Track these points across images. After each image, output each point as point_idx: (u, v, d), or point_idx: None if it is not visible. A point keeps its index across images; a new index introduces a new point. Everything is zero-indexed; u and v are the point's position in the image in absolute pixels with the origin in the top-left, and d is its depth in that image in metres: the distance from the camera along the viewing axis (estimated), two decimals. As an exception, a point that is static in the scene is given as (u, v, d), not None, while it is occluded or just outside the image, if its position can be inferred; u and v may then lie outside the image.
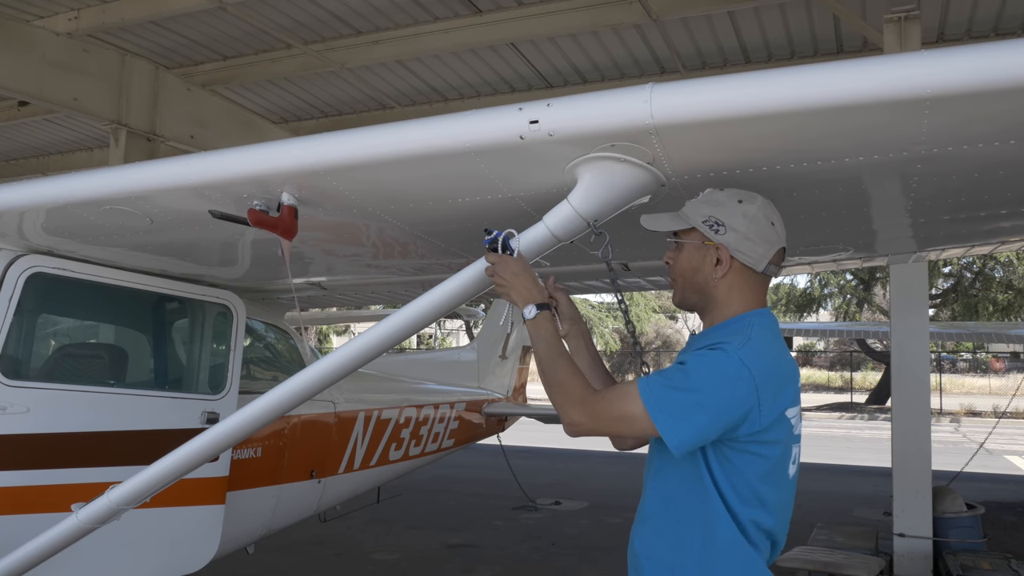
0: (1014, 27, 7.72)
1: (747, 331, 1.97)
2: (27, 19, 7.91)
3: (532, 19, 7.79)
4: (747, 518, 1.93)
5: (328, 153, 2.19)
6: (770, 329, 2.05)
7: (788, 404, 1.99)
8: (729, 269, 2.05)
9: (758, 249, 2.03)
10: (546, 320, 2.14)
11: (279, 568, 6.64)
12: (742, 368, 1.87)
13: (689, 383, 1.88)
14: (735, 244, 2.03)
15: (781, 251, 2.09)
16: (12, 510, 3.21)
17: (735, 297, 2.07)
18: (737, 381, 1.87)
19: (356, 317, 15.16)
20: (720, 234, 2.03)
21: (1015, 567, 6.17)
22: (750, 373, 1.87)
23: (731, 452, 1.93)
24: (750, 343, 1.93)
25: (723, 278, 2.06)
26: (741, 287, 2.07)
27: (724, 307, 2.08)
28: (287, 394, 2.53)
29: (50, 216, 2.90)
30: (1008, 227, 2.94)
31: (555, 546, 7.86)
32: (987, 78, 1.56)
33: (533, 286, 2.16)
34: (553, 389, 2.05)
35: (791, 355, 2.12)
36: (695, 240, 2.08)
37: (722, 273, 2.05)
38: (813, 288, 28.41)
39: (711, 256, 2.06)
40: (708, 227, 2.04)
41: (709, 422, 1.86)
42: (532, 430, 11.54)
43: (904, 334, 6.68)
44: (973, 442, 16.33)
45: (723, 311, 2.08)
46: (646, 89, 1.82)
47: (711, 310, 2.11)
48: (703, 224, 2.04)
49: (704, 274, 2.08)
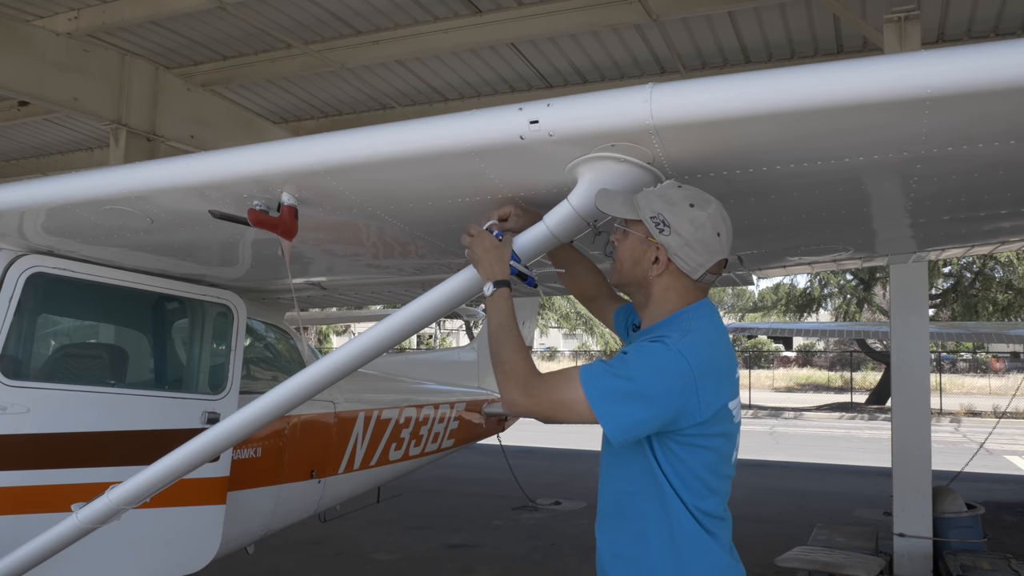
0: (1014, 27, 7.72)
1: (686, 323, 2.00)
2: (27, 19, 7.91)
3: (532, 19, 7.79)
4: (698, 508, 1.97)
5: (328, 153, 2.20)
6: (709, 320, 2.06)
7: (730, 396, 2.02)
8: (665, 270, 2.05)
9: (697, 258, 2.03)
10: (502, 298, 2.15)
11: (279, 568, 6.64)
12: (680, 360, 1.90)
13: (629, 372, 1.90)
14: (675, 248, 2.02)
15: (722, 262, 2.08)
16: (12, 510, 3.20)
17: (671, 298, 2.08)
18: (675, 372, 1.89)
19: (356, 317, 15.16)
20: (664, 234, 2.01)
21: (1015, 567, 6.17)
22: (688, 365, 1.90)
23: (676, 446, 1.96)
24: (689, 335, 1.95)
25: (659, 277, 2.07)
26: (677, 289, 2.07)
27: (660, 305, 2.09)
28: (287, 394, 2.53)
29: (50, 216, 2.90)
30: (1008, 227, 2.94)
31: (555, 546, 7.86)
32: (987, 78, 1.56)
33: (497, 264, 2.18)
34: (498, 367, 2.07)
35: (731, 347, 2.14)
36: (640, 232, 2.06)
37: (658, 272, 2.06)
38: (813, 288, 28.40)
39: (651, 253, 2.06)
40: (654, 224, 2.02)
41: (647, 412, 1.89)
42: (532, 430, 11.53)
43: (904, 334, 6.68)
44: (973, 442, 16.32)
45: (660, 308, 2.09)
46: (646, 89, 1.82)
47: (647, 305, 2.12)
48: (650, 220, 2.02)
49: (642, 268, 2.08)
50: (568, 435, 16.59)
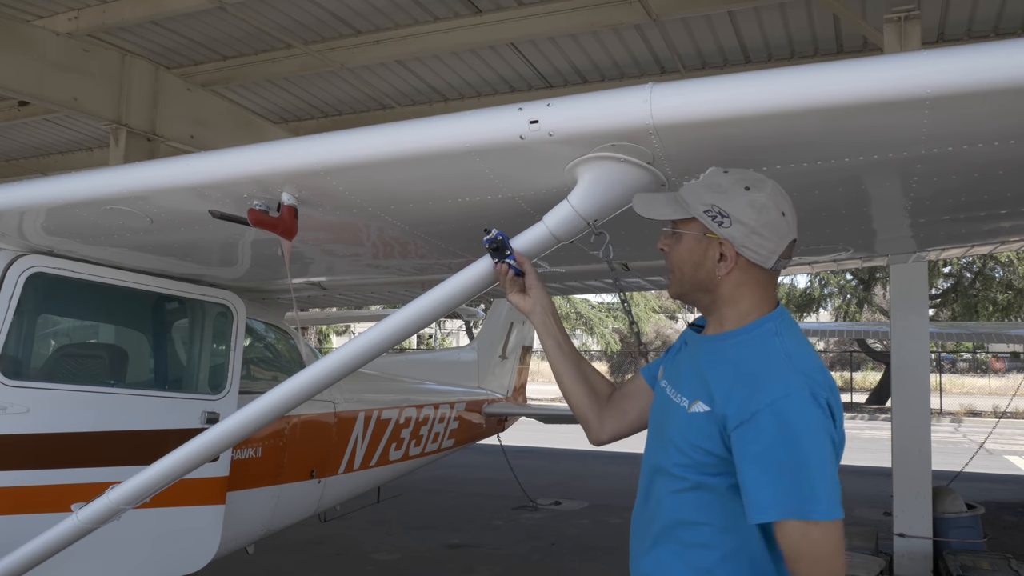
0: (1014, 27, 7.72)
1: (779, 346, 1.77)
2: (27, 19, 7.91)
3: (532, 19, 7.79)
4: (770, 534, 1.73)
5: (328, 153, 2.20)
6: (793, 331, 1.86)
7: None
8: (735, 266, 1.83)
9: (768, 244, 1.81)
10: None
11: (279, 568, 6.64)
12: (815, 409, 1.67)
13: (804, 455, 1.63)
14: (742, 239, 1.80)
15: (792, 243, 1.86)
16: (12, 510, 3.20)
17: (744, 295, 1.85)
18: (829, 427, 1.68)
19: (356, 317, 15.16)
20: (725, 227, 1.80)
21: (1015, 567, 6.18)
22: (827, 405, 1.69)
23: None
24: (800, 365, 1.73)
25: (728, 275, 1.84)
26: (749, 284, 1.85)
27: (733, 306, 1.86)
28: (287, 394, 2.53)
29: (50, 216, 2.90)
30: (1008, 227, 2.94)
31: (555, 546, 7.86)
32: (987, 78, 1.56)
33: None
34: None
35: None
36: (695, 231, 1.86)
37: (727, 270, 1.83)
38: (813, 288, 28.39)
39: (714, 250, 1.83)
40: (711, 218, 1.81)
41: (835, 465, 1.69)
42: (532, 430, 11.55)
43: (904, 334, 6.68)
44: (973, 442, 16.31)
45: (733, 310, 1.86)
46: (646, 89, 1.82)
47: (717, 309, 1.89)
48: (705, 215, 1.82)
49: (706, 270, 1.86)
50: (568, 435, 16.58)
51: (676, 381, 1.93)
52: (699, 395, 1.80)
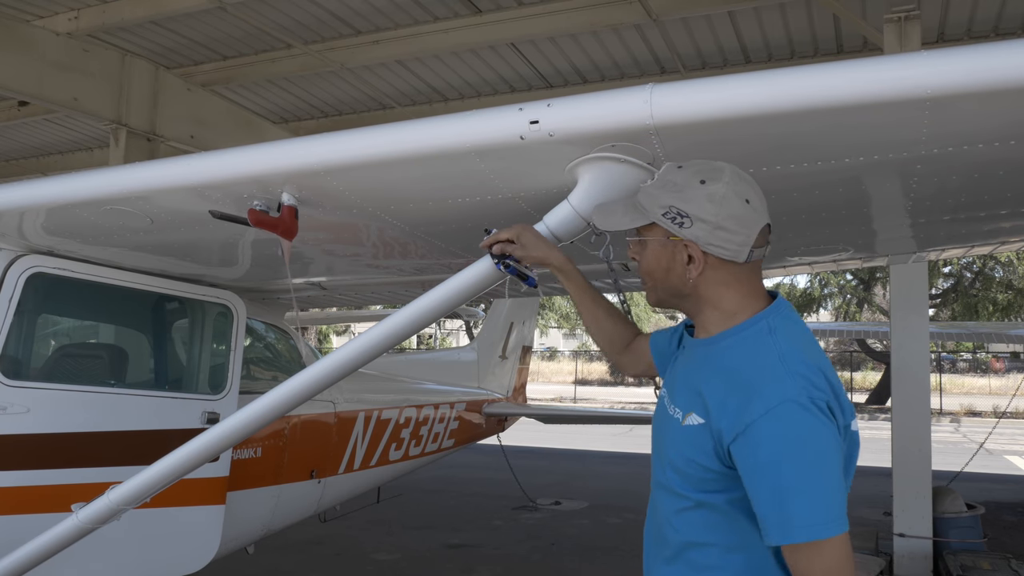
0: (1014, 27, 7.72)
1: (774, 344, 1.66)
2: (27, 19, 7.91)
3: (532, 19, 7.79)
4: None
5: (328, 153, 2.20)
6: (794, 324, 1.74)
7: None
8: (705, 266, 1.72)
9: (735, 238, 1.68)
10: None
11: (279, 568, 6.64)
12: (823, 417, 1.59)
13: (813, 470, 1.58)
14: (706, 237, 1.69)
15: (766, 229, 1.72)
16: (12, 510, 3.20)
17: (725, 294, 1.74)
18: (830, 434, 1.60)
19: (356, 317, 15.18)
20: (686, 227, 1.69)
21: (1015, 567, 6.17)
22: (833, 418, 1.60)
23: None
24: (795, 366, 1.62)
25: (701, 276, 1.73)
26: (728, 282, 1.73)
27: (715, 307, 1.76)
28: (287, 394, 2.53)
29: (50, 216, 2.90)
30: (1008, 227, 2.95)
31: (555, 546, 7.86)
32: (987, 78, 1.56)
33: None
34: None
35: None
36: (659, 236, 1.76)
37: (698, 271, 1.72)
38: (813, 288, 28.40)
39: (680, 253, 1.73)
40: (670, 220, 1.71)
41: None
42: (532, 430, 11.55)
43: (904, 334, 6.68)
44: (973, 442, 16.31)
45: (716, 312, 1.76)
46: (646, 89, 1.82)
47: (700, 311, 1.79)
48: (664, 218, 1.72)
49: (677, 274, 1.75)
50: (569, 435, 16.60)
51: (671, 389, 1.87)
52: (693, 406, 1.71)
